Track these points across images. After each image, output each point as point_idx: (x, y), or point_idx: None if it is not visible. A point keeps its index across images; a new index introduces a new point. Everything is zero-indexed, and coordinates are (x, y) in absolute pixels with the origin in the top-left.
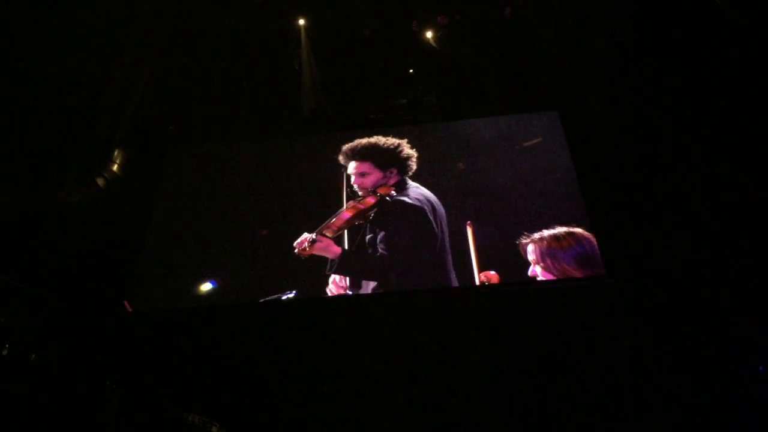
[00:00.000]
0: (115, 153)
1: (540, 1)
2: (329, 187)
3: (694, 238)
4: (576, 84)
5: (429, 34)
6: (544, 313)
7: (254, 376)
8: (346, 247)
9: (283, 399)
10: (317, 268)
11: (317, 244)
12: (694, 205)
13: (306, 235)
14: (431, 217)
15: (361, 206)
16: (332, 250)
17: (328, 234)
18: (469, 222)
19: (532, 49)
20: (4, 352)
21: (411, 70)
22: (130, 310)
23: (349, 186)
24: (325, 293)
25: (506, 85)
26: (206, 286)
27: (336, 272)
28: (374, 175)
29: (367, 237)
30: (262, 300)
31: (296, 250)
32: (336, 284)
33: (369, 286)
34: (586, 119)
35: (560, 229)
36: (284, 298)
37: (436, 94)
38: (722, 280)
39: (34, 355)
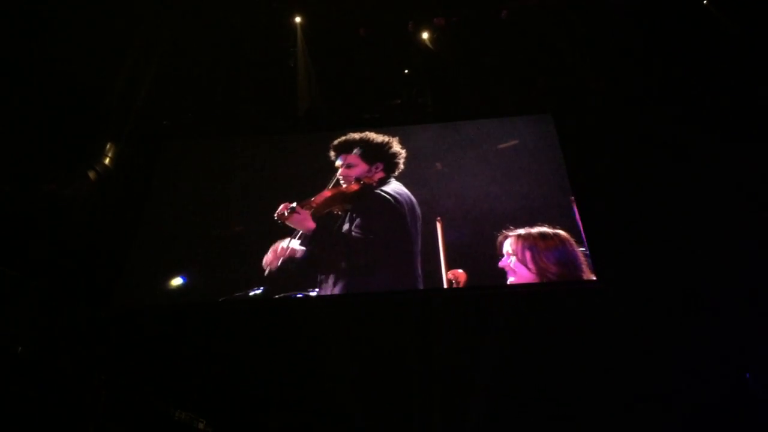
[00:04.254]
0: (108, 146)
1: (536, 5)
2: (322, 186)
3: (685, 242)
4: (571, 87)
5: (425, 35)
6: (524, 316)
7: (241, 373)
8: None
9: (269, 395)
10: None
11: (295, 215)
12: (686, 209)
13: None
14: (408, 216)
15: (343, 189)
16: (307, 225)
17: (306, 209)
18: (438, 218)
19: (528, 51)
20: None
21: (406, 71)
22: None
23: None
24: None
25: (501, 88)
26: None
27: (302, 244)
28: (360, 167)
29: (344, 227)
30: (221, 299)
31: (276, 215)
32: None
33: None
34: (580, 122)
35: (547, 229)
36: (251, 294)
37: (431, 95)
38: (708, 287)
39: (20, 348)
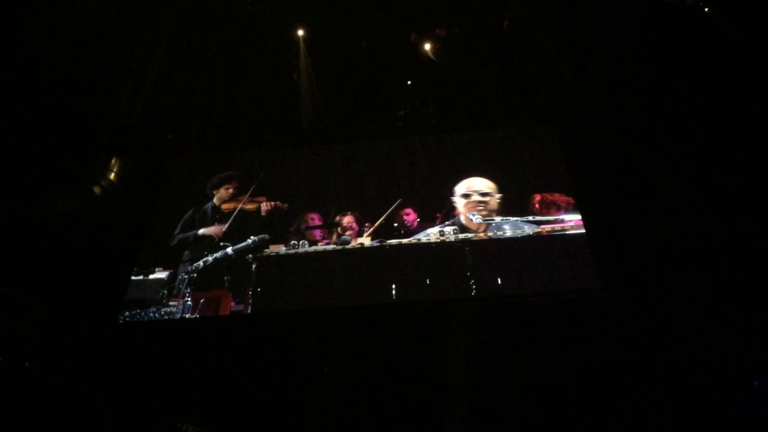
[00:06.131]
0: (113, 161)
1: (538, 15)
2: (324, 197)
3: (690, 249)
4: (574, 98)
5: (427, 47)
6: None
7: (247, 386)
8: None
9: (277, 408)
10: (310, 277)
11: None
12: (689, 216)
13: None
14: None
15: None
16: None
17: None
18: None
19: (530, 62)
20: None
21: (409, 82)
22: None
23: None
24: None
25: (504, 98)
26: None
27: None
28: None
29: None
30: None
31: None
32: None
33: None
34: (583, 132)
35: None
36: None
37: (433, 106)
38: (715, 295)
39: (27, 364)
